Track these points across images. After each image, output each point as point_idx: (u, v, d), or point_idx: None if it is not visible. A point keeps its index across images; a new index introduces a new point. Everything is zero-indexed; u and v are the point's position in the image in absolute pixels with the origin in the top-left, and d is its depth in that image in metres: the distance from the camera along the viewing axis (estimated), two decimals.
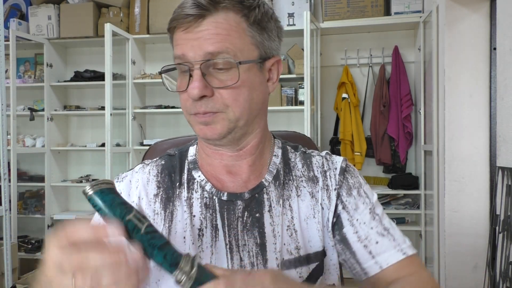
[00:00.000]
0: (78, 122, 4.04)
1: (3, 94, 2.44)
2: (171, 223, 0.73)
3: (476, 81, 2.70)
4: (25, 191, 3.93)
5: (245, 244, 0.71)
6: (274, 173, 0.76)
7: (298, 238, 0.72)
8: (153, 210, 0.74)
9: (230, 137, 0.70)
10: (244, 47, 0.68)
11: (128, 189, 0.76)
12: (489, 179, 2.70)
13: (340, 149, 3.45)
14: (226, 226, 0.72)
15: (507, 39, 1.94)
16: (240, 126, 0.70)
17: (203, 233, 0.72)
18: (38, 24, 3.72)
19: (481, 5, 2.68)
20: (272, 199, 0.74)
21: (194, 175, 0.77)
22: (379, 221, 0.75)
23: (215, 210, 0.73)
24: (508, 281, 1.85)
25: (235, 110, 0.68)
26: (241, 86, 0.67)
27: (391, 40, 3.48)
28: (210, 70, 0.67)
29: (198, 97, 0.66)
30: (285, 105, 3.38)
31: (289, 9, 3.37)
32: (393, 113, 3.34)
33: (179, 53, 0.67)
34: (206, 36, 0.65)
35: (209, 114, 0.68)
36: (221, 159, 0.75)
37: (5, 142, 2.44)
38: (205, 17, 0.66)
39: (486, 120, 2.70)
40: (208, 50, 0.65)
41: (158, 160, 0.81)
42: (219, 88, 0.67)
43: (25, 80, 3.92)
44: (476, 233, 2.69)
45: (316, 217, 0.74)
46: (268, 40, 0.72)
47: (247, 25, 0.68)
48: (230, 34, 0.66)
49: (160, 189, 0.76)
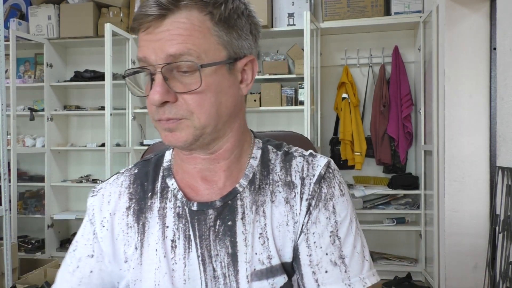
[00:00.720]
0: (78, 122, 4.04)
1: (3, 94, 2.44)
2: (143, 236, 0.71)
3: (476, 81, 2.70)
4: (25, 191, 3.94)
5: (217, 254, 0.68)
6: (250, 177, 0.72)
7: (270, 246, 0.68)
8: (126, 224, 0.72)
9: (198, 143, 0.66)
10: (210, 47, 0.63)
11: (100, 204, 0.74)
12: (489, 179, 2.70)
13: (340, 149, 3.45)
14: (198, 237, 0.69)
15: (507, 39, 1.94)
16: (208, 132, 0.66)
17: (176, 245, 0.69)
18: (38, 24, 3.72)
19: (481, 5, 2.68)
20: (246, 205, 0.70)
21: (168, 183, 0.73)
22: (338, 247, 0.68)
23: (188, 221, 0.70)
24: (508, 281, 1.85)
25: (200, 117, 0.64)
26: (206, 90, 0.63)
27: (391, 40, 3.48)
28: (174, 73, 0.63)
29: (159, 103, 0.62)
30: (285, 105, 3.38)
31: (289, 9, 3.37)
32: (393, 113, 3.34)
33: (141, 55, 0.64)
34: (167, 37, 0.62)
35: (172, 121, 0.64)
36: (195, 163, 0.71)
37: (5, 142, 2.44)
38: (166, 16, 0.62)
39: (486, 120, 2.70)
40: (170, 52, 0.61)
41: (132, 168, 0.78)
42: (182, 93, 0.63)
43: (25, 80, 3.92)
44: (476, 233, 2.69)
45: (289, 224, 0.69)
46: (237, 39, 0.66)
47: (212, 24, 0.63)
48: (193, 34, 0.62)
49: (132, 201, 0.73)
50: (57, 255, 3.68)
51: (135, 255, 0.70)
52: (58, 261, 3.05)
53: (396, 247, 3.54)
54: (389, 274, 3.26)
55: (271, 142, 0.78)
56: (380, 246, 3.52)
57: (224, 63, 0.65)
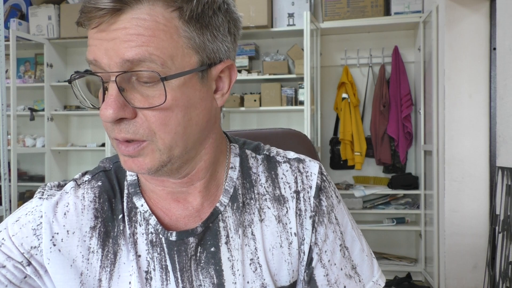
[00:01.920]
0: (78, 122, 4.04)
1: (3, 94, 2.44)
2: (113, 266, 0.58)
3: (476, 81, 2.70)
4: (25, 191, 3.93)
5: (200, 285, 0.59)
6: (231, 193, 0.62)
7: (264, 273, 0.60)
8: (87, 247, 0.58)
9: (165, 169, 0.55)
10: (177, 52, 0.51)
11: (52, 214, 0.58)
12: (489, 179, 2.70)
13: (340, 149, 3.45)
14: (178, 270, 0.59)
15: (507, 39, 1.94)
16: (176, 156, 0.54)
17: (151, 276, 0.58)
18: (38, 24, 3.72)
19: (481, 5, 2.68)
20: (230, 227, 0.60)
21: (136, 203, 0.61)
22: (348, 258, 0.64)
23: (163, 250, 0.59)
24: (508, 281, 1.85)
25: (164, 138, 0.52)
26: (173, 106, 0.51)
27: (391, 40, 3.48)
28: (133, 82, 0.51)
29: (113, 120, 0.50)
30: (285, 105, 3.38)
31: (289, 9, 3.37)
32: (393, 113, 3.34)
33: (91, 57, 0.52)
34: (123, 37, 0.49)
35: (133, 146, 0.52)
36: (164, 186, 0.60)
37: (5, 142, 2.44)
38: (122, 11, 0.49)
39: (486, 120, 2.70)
40: (126, 56, 0.49)
41: (92, 180, 0.62)
42: (142, 108, 0.50)
43: (25, 80, 3.92)
44: (476, 233, 2.69)
45: (283, 246, 0.62)
46: (212, 41, 0.54)
47: (181, 23, 0.51)
48: (156, 35, 0.49)
49: (98, 220, 0.59)
50: None
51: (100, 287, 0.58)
52: None
53: (396, 247, 3.54)
54: (389, 274, 3.26)
55: (248, 144, 0.68)
56: (380, 246, 3.52)
57: (195, 71, 0.53)
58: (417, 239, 3.42)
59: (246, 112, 3.65)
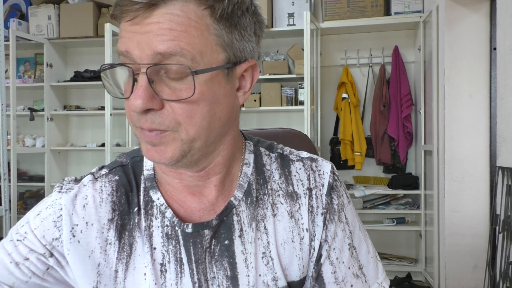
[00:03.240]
0: (78, 122, 4.04)
1: (3, 94, 2.44)
2: (129, 257, 0.60)
3: (476, 81, 2.70)
4: (25, 191, 3.93)
5: (214, 277, 0.61)
6: (245, 188, 0.63)
7: (275, 267, 0.62)
8: (105, 239, 0.59)
9: (185, 160, 0.56)
10: (206, 48, 0.53)
11: (71, 206, 0.60)
12: (489, 179, 2.70)
13: (340, 149, 3.45)
14: (194, 262, 0.60)
15: (507, 39, 1.94)
16: (196, 148, 0.56)
17: (166, 269, 0.60)
18: (38, 24, 3.72)
19: (481, 5, 2.68)
20: (243, 221, 0.62)
21: (152, 196, 0.62)
22: (356, 258, 0.65)
23: (179, 242, 0.60)
24: (508, 281, 1.85)
25: (188, 129, 0.54)
26: (199, 99, 0.53)
27: (391, 40, 3.48)
28: (161, 75, 0.52)
29: (142, 111, 0.52)
30: (285, 105, 3.38)
31: (289, 9, 3.37)
32: (393, 113, 3.34)
33: (123, 49, 0.53)
34: (156, 31, 0.51)
35: (156, 133, 0.54)
36: (181, 179, 0.62)
37: (5, 142, 2.44)
38: (157, 6, 0.51)
39: (486, 120, 2.70)
40: (158, 49, 0.50)
41: (110, 174, 0.64)
42: (170, 100, 0.52)
43: (25, 80, 3.92)
44: (476, 233, 2.69)
45: (295, 241, 0.63)
46: (239, 41, 0.56)
47: (212, 21, 0.53)
48: (188, 30, 0.51)
49: (116, 213, 0.61)
50: None
51: (115, 280, 0.59)
52: None
53: (396, 247, 3.54)
54: (389, 274, 3.26)
55: (262, 143, 0.70)
56: (380, 246, 3.52)
57: (222, 68, 0.55)
58: (417, 239, 3.42)
59: (246, 112, 3.65)
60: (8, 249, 0.59)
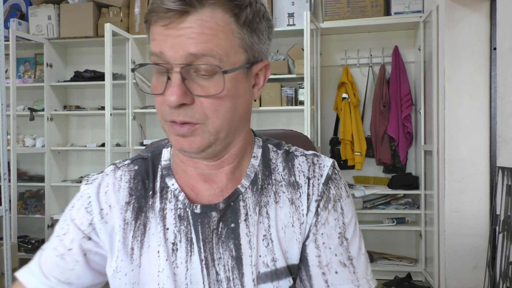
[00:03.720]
0: (78, 122, 4.04)
1: (3, 94, 2.44)
2: (143, 236, 0.67)
3: (476, 81, 2.70)
4: (25, 191, 3.93)
5: (220, 257, 0.67)
6: (251, 177, 0.70)
7: (275, 249, 0.67)
8: (123, 219, 0.68)
9: (209, 151, 0.64)
10: (231, 50, 0.60)
11: (96, 193, 0.70)
12: (489, 179, 2.70)
13: (340, 149, 3.45)
14: (201, 240, 0.67)
15: (507, 39, 1.94)
16: (221, 138, 0.63)
17: (177, 248, 0.67)
18: (38, 24, 3.72)
19: (481, 5, 2.68)
20: (249, 206, 0.68)
21: (167, 182, 0.70)
22: (345, 248, 0.68)
23: (189, 223, 0.67)
24: (508, 281, 1.85)
25: (214, 122, 0.61)
26: (225, 95, 0.60)
27: (391, 40, 3.48)
28: (191, 73, 0.59)
29: (176, 105, 0.58)
30: (285, 105, 3.38)
31: (289, 9, 3.37)
32: (393, 113, 3.34)
33: (157, 50, 0.59)
34: (189, 34, 0.57)
35: (187, 127, 0.60)
36: (196, 167, 0.69)
37: (5, 142, 2.44)
38: (189, 13, 0.57)
39: (486, 120, 2.70)
40: (191, 51, 0.57)
41: (130, 164, 0.73)
42: (201, 96, 0.59)
43: (25, 80, 3.92)
44: (476, 233, 2.69)
45: (295, 226, 0.68)
46: (258, 43, 0.64)
47: (236, 26, 0.60)
48: (217, 34, 0.58)
49: (133, 197, 0.69)
50: None
51: (132, 256, 0.67)
52: None
53: (396, 247, 3.54)
54: (389, 274, 3.26)
55: (271, 141, 0.77)
56: (380, 246, 3.52)
57: (244, 67, 0.62)
58: (417, 239, 3.42)
59: None
60: (54, 244, 0.69)
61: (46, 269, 0.68)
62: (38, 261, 0.70)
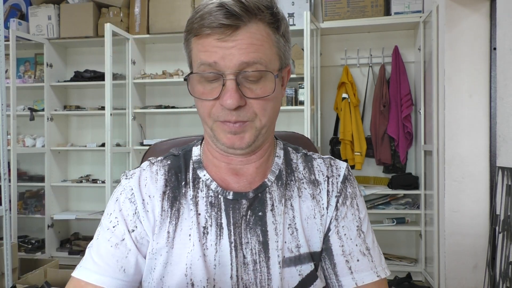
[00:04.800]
0: (78, 122, 4.04)
1: (3, 94, 2.44)
2: (177, 220, 0.74)
3: (476, 81, 2.70)
4: (25, 191, 3.93)
5: (248, 242, 0.73)
6: (276, 173, 0.78)
7: (299, 236, 0.75)
8: (161, 206, 0.75)
9: (253, 146, 0.72)
10: (273, 57, 0.70)
11: (138, 186, 0.77)
12: (489, 179, 2.70)
13: (340, 149, 3.45)
14: (232, 224, 0.74)
15: (507, 39, 1.94)
16: (263, 133, 0.72)
17: (207, 231, 0.74)
18: (38, 24, 3.72)
19: (481, 5, 2.68)
20: (275, 198, 0.76)
21: (199, 174, 0.78)
22: (363, 240, 0.77)
23: (220, 209, 0.75)
24: (508, 281, 1.85)
25: (262, 119, 0.70)
26: (272, 97, 0.70)
27: (391, 40, 3.48)
28: (241, 80, 0.67)
29: (233, 108, 0.67)
30: (285, 105, 3.38)
31: (289, 9, 3.37)
32: (393, 113, 3.34)
33: (211, 60, 0.67)
34: (240, 45, 0.66)
35: (239, 124, 0.69)
36: (229, 163, 0.77)
37: (5, 142, 2.44)
38: (239, 27, 0.66)
39: (486, 120, 2.70)
40: (243, 59, 0.66)
41: (163, 160, 0.81)
42: (252, 98, 0.68)
43: (25, 80, 3.92)
44: (476, 233, 2.69)
45: (316, 217, 0.76)
46: (288, 51, 0.74)
47: (276, 37, 0.70)
48: (263, 44, 0.68)
49: (168, 188, 0.77)
50: (57, 255, 3.68)
51: (167, 239, 0.73)
52: (58, 261, 3.05)
53: (396, 247, 3.54)
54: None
55: (289, 144, 0.86)
56: (380, 246, 3.47)
57: (281, 71, 0.73)
58: (417, 239, 3.42)
59: None
60: (107, 236, 0.74)
61: (102, 260, 0.72)
62: (90, 258, 0.73)
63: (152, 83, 3.73)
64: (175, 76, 3.61)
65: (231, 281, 0.72)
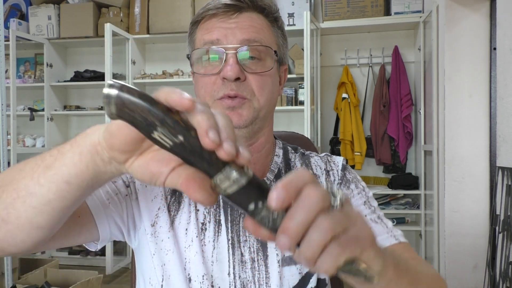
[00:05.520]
0: (78, 122, 4.04)
1: (3, 94, 2.44)
2: (176, 212, 0.74)
3: (476, 81, 2.70)
4: None
5: (246, 240, 0.74)
6: (275, 172, 0.79)
7: None
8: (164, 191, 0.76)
9: (250, 127, 0.73)
10: (272, 42, 0.75)
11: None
12: (489, 179, 2.70)
13: (340, 149, 3.45)
14: (230, 222, 0.74)
15: (507, 39, 1.94)
16: (260, 117, 0.73)
17: (206, 228, 0.74)
18: (38, 24, 3.72)
19: (481, 5, 2.68)
20: None
21: None
22: (373, 211, 0.78)
23: (219, 206, 0.75)
24: (508, 281, 1.85)
25: (260, 99, 0.72)
26: (269, 75, 0.73)
27: (391, 40, 3.48)
28: (242, 56, 0.71)
29: (234, 79, 0.69)
30: (285, 105, 3.38)
31: (289, 9, 3.37)
32: (393, 113, 3.34)
33: (213, 38, 0.71)
34: (242, 26, 0.71)
35: (238, 100, 0.71)
36: None
37: (5, 142, 2.44)
38: (241, 12, 0.72)
39: (486, 120, 2.70)
40: (244, 37, 0.71)
41: None
42: (251, 73, 0.72)
43: (25, 80, 3.92)
44: (476, 233, 2.69)
45: None
46: (285, 48, 0.79)
47: (274, 28, 0.77)
48: (263, 29, 0.73)
49: None
50: (57, 255, 3.68)
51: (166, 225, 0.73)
52: (58, 261, 3.05)
53: None
54: None
55: (288, 144, 0.87)
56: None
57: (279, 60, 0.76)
58: (417, 239, 3.42)
59: None
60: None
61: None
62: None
63: (152, 83, 3.73)
64: (175, 76, 3.61)
65: (229, 278, 0.72)
